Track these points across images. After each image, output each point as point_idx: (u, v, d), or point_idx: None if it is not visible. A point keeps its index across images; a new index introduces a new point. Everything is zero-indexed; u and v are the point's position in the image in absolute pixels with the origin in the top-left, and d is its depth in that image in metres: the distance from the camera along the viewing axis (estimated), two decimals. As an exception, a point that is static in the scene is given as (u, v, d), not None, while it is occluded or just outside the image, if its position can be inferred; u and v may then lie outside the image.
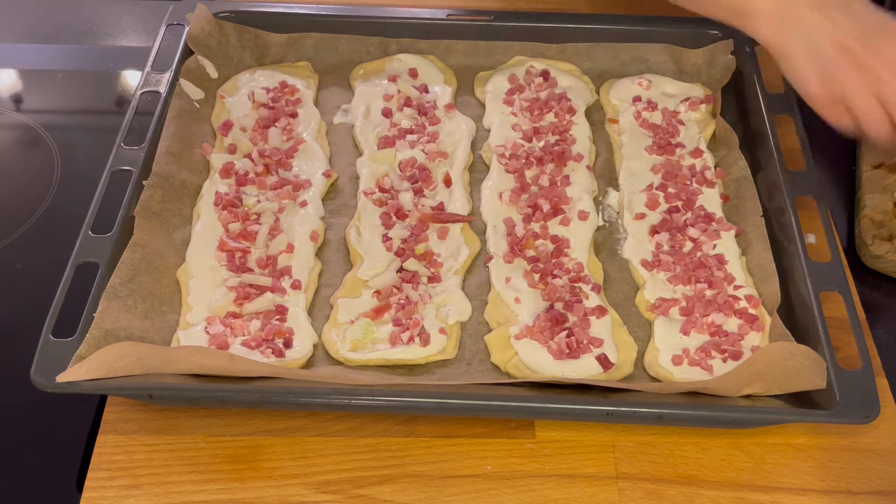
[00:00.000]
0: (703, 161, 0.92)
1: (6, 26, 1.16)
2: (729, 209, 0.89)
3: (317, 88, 1.01)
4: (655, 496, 0.71)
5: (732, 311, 0.79)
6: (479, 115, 0.99)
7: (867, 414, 0.70)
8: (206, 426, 0.74)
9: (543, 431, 0.74)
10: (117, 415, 0.74)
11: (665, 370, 0.76)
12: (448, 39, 1.04)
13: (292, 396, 0.71)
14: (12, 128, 1.04)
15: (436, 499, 0.70)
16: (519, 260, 0.84)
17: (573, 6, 1.15)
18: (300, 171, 0.91)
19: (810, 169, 0.87)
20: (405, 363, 0.77)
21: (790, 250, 0.82)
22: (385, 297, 0.80)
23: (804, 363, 0.71)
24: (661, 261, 0.84)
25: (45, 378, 0.69)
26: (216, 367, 0.71)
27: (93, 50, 1.13)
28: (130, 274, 0.77)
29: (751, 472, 0.72)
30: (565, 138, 0.95)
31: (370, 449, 0.73)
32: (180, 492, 0.70)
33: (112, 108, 1.07)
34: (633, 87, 1.01)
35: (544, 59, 1.03)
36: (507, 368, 0.77)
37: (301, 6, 1.04)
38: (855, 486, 0.72)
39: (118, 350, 0.70)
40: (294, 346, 0.77)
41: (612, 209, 0.91)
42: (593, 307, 0.80)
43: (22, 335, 0.80)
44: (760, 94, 0.94)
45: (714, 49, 1.01)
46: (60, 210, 0.94)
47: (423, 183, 0.90)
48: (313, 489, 0.71)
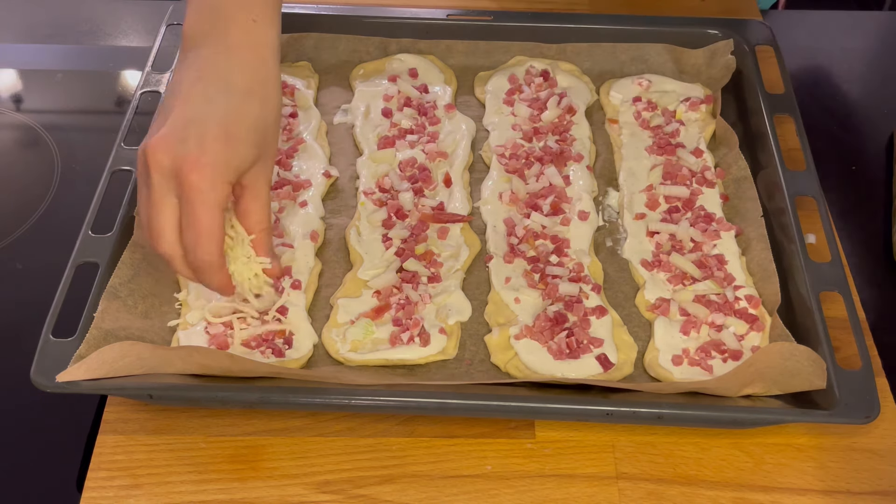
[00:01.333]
0: (703, 161, 0.92)
1: (6, 26, 1.16)
2: (729, 209, 0.89)
3: (317, 88, 1.01)
4: (655, 496, 0.71)
5: (732, 312, 0.79)
6: (479, 115, 0.99)
7: (867, 414, 0.70)
8: (206, 426, 0.74)
9: (543, 431, 0.74)
10: (117, 415, 0.74)
11: (665, 370, 0.76)
12: (448, 39, 1.04)
13: (292, 396, 0.71)
14: (12, 128, 1.04)
15: (436, 499, 0.70)
16: (519, 260, 0.84)
17: (573, 6, 1.15)
18: (300, 171, 0.91)
19: (810, 169, 0.87)
20: (405, 363, 0.77)
21: (790, 250, 0.82)
22: (385, 297, 0.80)
23: (804, 363, 0.71)
24: (661, 261, 0.84)
25: (45, 378, 0.69)
26: (216, 367, 0.71)
27: (93, 50, 1.13)
28: (130, 274, 0.77)
29: (751, 472, 0.72)
30: (565, 138, 0.95)
31: (370, 449, 0.73)
32: (180, 492, 0.70)
33: (112, 108, 1.07)
34: (633, 87, 1.01)
35: (544, 59, 1.03)
36: (508, 369, 0.77)
37: (301, 6, 1.04)
38: (855, 486, 0.72)
39: (118, 350, 0.69)
40: (294, 346, 0.77)
41: (612, 209, 0.91)
42: (593, 307, 0.80)
43: (22, 335, 0.80)
44: (760, 94, 0.94)
45: (714, 49, 1.01)
46: (60, 210, 0.94)
47: (423, 183, 0.89)
48: (313, 489, 0.71)
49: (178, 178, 0.64)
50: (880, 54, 1.17)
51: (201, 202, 0.64)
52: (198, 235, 0.65)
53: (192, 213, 0.64)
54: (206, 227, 0.64)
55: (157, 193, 0.65)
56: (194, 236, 0.65)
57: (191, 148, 0.64)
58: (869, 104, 1.09)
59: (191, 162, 0.63)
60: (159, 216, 0.65)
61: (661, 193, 0.89)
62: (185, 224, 0.65)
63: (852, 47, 1.16)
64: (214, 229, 0.65)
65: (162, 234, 0.66)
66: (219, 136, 0.65)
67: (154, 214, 0.65)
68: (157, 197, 0.65)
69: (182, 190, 0.64)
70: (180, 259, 0.67)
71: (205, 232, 0.64)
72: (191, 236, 0.65)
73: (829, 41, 1.17)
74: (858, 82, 1.13)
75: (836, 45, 1.17)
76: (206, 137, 0.64)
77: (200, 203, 0.64)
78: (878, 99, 1.10)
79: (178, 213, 0.65)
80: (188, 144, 0.64)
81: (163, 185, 0.64)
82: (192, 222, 0.64)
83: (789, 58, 1.00)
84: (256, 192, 0.69)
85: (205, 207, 0.64)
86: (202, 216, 0.64)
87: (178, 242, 0.66)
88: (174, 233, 0.66)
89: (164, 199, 0.65)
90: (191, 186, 0.63)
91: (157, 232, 0.66)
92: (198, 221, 0.64)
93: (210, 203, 0.64)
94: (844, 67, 1.14)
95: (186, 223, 0.65)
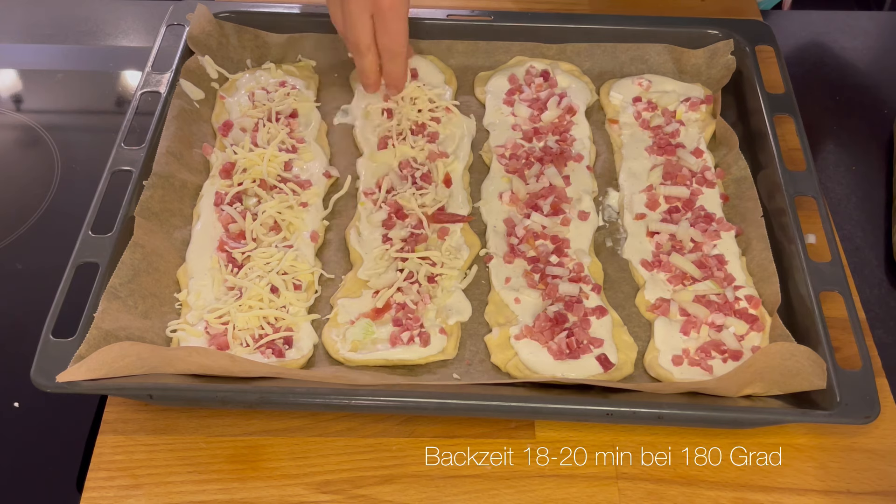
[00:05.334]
0: (703, 161, 0.92)
1: (6, 26, 1.16)
2: (729, 209, 0.89)
3: (317, 88, 1.01)
4: (655, 496, 0.71)
5: (732, 312, 0.79)
6: (479, 115, 0.99)
7: (867, 414, 0.70)
8: (206, 426, 0.74)
9: (543, 431, 0.74)
10: (117, 415, 0.74)
11: (665, 370, 0.76)
12: (448, 39, 1.04)
13: (292, 396, 0.71)
14: (12, 128, 1.04)
15: (436, 499, 0.70)
16: (519, 260, 0.84)
17: (573, 6, 1.15)
18: (300, 171, 0.91)
19: (810, 169, 0.87)
20: (405, 363, 0.77)
21: (790, 250, 0.82)
22: (385, 298, 0.80)
23: (804, 363, 0.71)
24: (661, 261, 0.84)
25: (45, 378, 0.69)
26: (216, 367, 0.71)
27: (93, 50, 1.13)
28: (130, 274, 0.77)
29: (751, 472, 0.72)
30: (565, 138, 0.95)
31: (370, 449, 0.73)
32: (180, 492, 0.70)
33: (112, 108, 1.07)
34: (633, 87, 1.01)
35: (544, 59, 1.03)
36: (508, 369, 0.77)
37: (301, 6, 1.04)
38: (855, 486, 0.72)
39: (118, 350, 0.70)
40: (294, 346, 0.77)
41: (612, 209, 0.91)
42: (593, 307, 0.80)
43: (22, 335, 0.80)
44: (760, 94, 0.94)
45: (714, 49, 1.01)
46: (60, 210, 0.94)
47: (424, 183, 0.89)
48: (313, 489, 0.71)
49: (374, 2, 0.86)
50: (880, 54, 1.17)
51: (394, 15, 0.87)
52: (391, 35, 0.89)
53: (386, 20, 0.87)
54: (399, 29, 0.89)
55: (356, 10, 0.87)
56: (388, 37, 0.89)
57: None
58: (869, 104, 1.09)
59: None
60: (359, 26, 0.88)
61: (661, 193, 0.90)
62: (380, 30, 0.89)
63: (852, 47, 1.16)
64: (404, 28, 0.89)
65: (362, 36, 0.89)
66: None
67: (353, 25, 0.88)
68: (356, 13, 0.87)
69: (378, 8, 0.86)
70: (374, 52, 0.91)
71: (398, 32, 0.89)
72: (385, 38, 0.90)
73: (829, 41, 1.17)
74: (858, 82, 1.12)
75: (836, 45, 1.17)
76: None
77: (392, 11, 0.87)
78: (878, 99, 1.10)
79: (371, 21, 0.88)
80: None
81: (360, 4, 0.86)
82: (386, 28, 0.88)
83: (789, 58, 1.00)
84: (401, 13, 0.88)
85: (397, 17, 0.88)
86: (396, 24, 0.88)
87: (373, 43, 0.90)
88: (369, 35, 0.89)
89: (362, 16, 0.87)
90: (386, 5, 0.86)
91: (358, 36, 0.89)
92: (391, 26, 0.88)
93: (402, 14, 0.88)
94: (844, 68, 1.14)
95: (382, 29, 0.88)
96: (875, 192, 0.98)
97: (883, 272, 0.91)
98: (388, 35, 0.89)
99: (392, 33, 0.89)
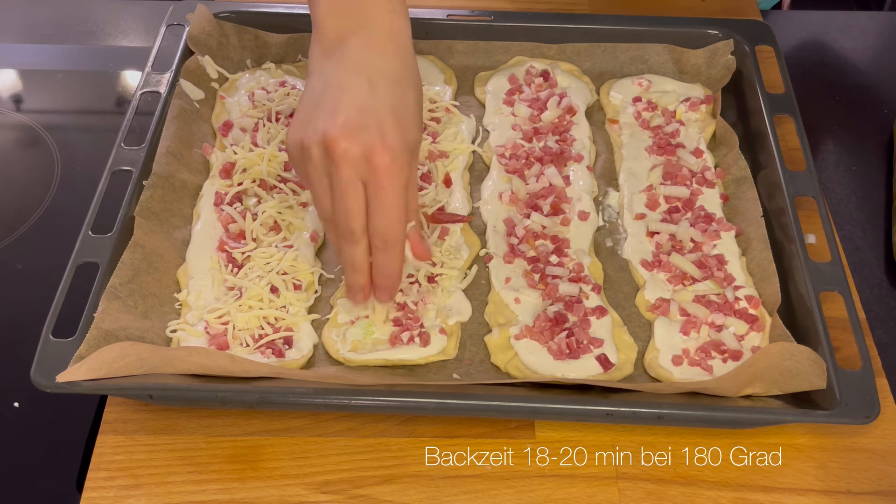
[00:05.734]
0: (703, 161, 0.92)
1: (6, 26, 1.16)
2: (729, 209, 0.89)
3: (317, 88, 1.01)
4: (655, 496, 0.71)
5: (732, 312, 0.79)
6: (479, 115, 0.99)
7: (867, 414, 0.70)
8: (206, 426, 0.74)
9: (543, 431, 0.74)
10: (117, 415, 0.74)
11: (665, 370, 0.76)
12: (448, 39, 1.04)
13: (292, 396, 0.71)
14: (12, 128, 1.04)
15: (436, 499, 0.70)
16: (519, 260, 0.84)
17: (573, 6, 1.15)
18: (300, 171, 0.91)
19: (810, 169, 0.87)
20: (405, 363, 0.77)
21: (790, 250, 0.82)
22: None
23: (804, 363, 0.71)
24: (661, 261, 0.84)
25: (45, 378, 0.69)
26: (216, 367, 0.71)
27: (93, 50, 1.13)
28: (130, 274, 0.77)
29: (751, 472, 0.72)
30: (565, 138, 0.95)
31: (370, 449, 0.73)
32: (180, 492, 0.70)
33: (112, 108, 1.07)
34: (633, 87, 1.01)
35: (544, 59, 1.03)
36: (508, 369, 0.77)
37: (301, 6, 1.04)
38: (855, 486, 0.72)
39: (118, 350, 0.70)
40: (294, 347, 0.77)
41: (612, 209, 0.91)
42: (593, 307, 0.80)
43: (22, 335, 0.80)
44: (760, 94, 0.94)
45: (714, 49, 1.01)
46: (60, 210, 0.94)
47: (423, 183, 0.89)
48: (313, 489, 0.71)
49: (368, 163, 0.67)
50: (880, 54, 1.17)
51: (391, 185, 0.67)
52: (388, 215, 0.68)
53: (382, 196, 0.68)
54: (397, 207, 0.68)
55: (345, 179, 0.67)
56: (384, 217, 0.69)
57: (374, 135, 0.67)
58: (869, 104, 1.09)
59: (378, 148, 0.67)
60: (349, 200, 0.68)
61: (661, 193, 0.90)
62: (374, 207, 0.68)
63: (852, 47, 1.16)
64: (403, 209, 0.69)
65: (355, 215, 0.69)
66: (394, 123, 0.68)
67: (343, 198, 0.68)
68: (346, 182, 0.67)
69: (372, 175, 0.67)
70: (365, 241, 0.71)
71: (395, 212, 0.69)
72: (381, 218, 0.69)
73: (829, 41, 1.17)
74: (858, 83, 1.13)
75: (836, 45, 1.17)
76: (384, 124, 0.67)
77: (391, 185, 0.68)
78: (878, 99, 1.10)
79: (364, 197, 0.68)
80: (371, 132, 0.67)
81: (351, 171, 0.67)
82: (382, 204, 0.68)
83: (789, 58, 1.00)
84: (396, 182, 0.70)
85: (394, 189, 0.68)
86: (392, 198, 0.68)
87: (365, 225, 0.70)
88: (363, 215, 0.69)
89: (353, 184, 0.68)
90: (382, 170, 0.67)
91: (350, 214, 0.69)
92: (388, 202, 0.68)
93: (399, 185, 0.68)
94: (844, 68, 1.14)
95: (377, 205, 0.68)
96: (875, 192, 0.98)
97: (883, 272, 0.91)
98: (383, 211, 0.68)
99: (388, 208, 0.68)
